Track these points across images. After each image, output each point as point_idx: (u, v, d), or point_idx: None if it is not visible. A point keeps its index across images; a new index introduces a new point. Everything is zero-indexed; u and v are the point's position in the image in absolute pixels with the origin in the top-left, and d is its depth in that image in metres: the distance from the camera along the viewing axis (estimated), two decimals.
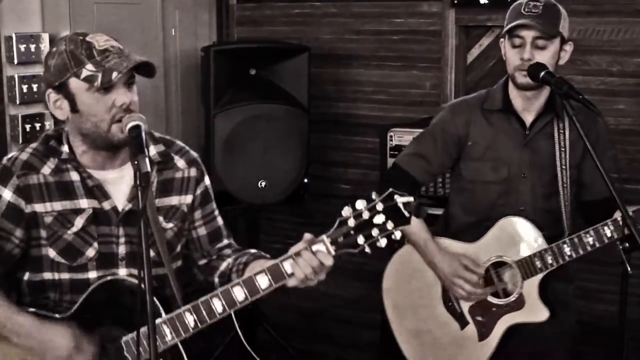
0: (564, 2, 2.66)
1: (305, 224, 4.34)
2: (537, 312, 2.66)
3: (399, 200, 1.89)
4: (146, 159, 1.83)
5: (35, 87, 3.55)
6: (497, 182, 2.73)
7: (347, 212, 1.91)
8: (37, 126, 3.59)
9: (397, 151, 3.52)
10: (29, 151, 2.17)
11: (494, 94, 2.76)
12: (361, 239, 1.91)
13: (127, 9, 4.10)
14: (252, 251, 2.29)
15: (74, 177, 2.15)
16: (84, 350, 2.05)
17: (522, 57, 2.56)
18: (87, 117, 2.06)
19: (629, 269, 2.30)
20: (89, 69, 2.02)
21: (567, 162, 2.67)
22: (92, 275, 2.15)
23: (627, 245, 2.31)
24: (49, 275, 2.15)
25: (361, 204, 1.90)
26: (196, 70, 4.40)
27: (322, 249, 1.95)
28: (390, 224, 1.88)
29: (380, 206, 1.89)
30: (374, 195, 1.90)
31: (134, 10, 4.16)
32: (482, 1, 3.86)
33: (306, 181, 4.11)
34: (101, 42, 2.06)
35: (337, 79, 4.43)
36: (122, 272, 2.16)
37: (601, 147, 2.61)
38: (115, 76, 2.01)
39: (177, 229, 2.26)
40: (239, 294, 2.01)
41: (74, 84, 2.05)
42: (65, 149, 2.15)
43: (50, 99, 2.11)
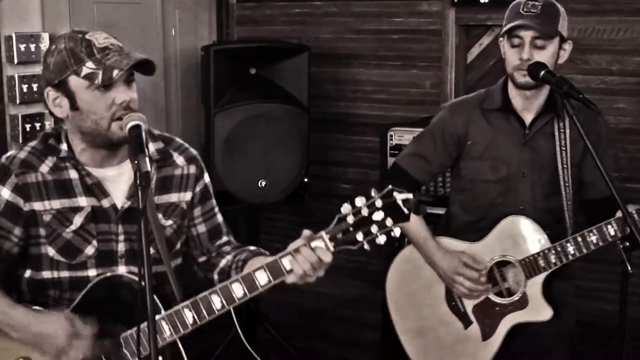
0: (564, 0, 2.66)
1: (305, 223, 4.27)
2: (540, 311, 2.65)
3: (398, 197, 1.88)
4: (146, 158, 1.83)
5: (35, 86, 3.55)
6: (496, 182, 2.73)
7: (346, 209, 1.90)
8: (37, 126, 3.59)
9: (397, 150, 3.52)
10: (27, 150, 2.16)
11: (493, 94, 2.76)
12: (360, 236, 1.90)
13: (127, 9, 4.10)
14: (252, 248, 2.29)
15: (72, 175, 2.14)
16: (82, 335, 2.04)
17: (521, 57, 2.56)
18: (87, 114, 2.06)
19: (629, 268, 2.30)
20: (89, 66, 2.02)
21: (568, 161, 2.67)
22: (92, 273, 2.15)
23: (627, 244, 2.32)
24: (49, 273, 2.15)
25: (360, 200, 1.89)
26: (196, 69, 4.40)
27: (320, 245, 1.95)
28: (389, 221, 1.88)
29: (379, 203, 1.88)
30: (373, 192, 1.90)
31: (134, 9, 4.16)
32: (482, 0, 3.86)
33: (306, 180, 4.10)
34: (101, 40, 2.06)
35: (337, 78, 4.43)
36: (121, 269, 2.16)
37: (602, 146, 2.61)
38: (116, 74, 2.01)
39: (177, 226, 2.26)
40: (238, 291, 2.00)
41: (73, 81, 2.04)
42: (64, 147, 2.15)
43: (49, 96, 2.10)
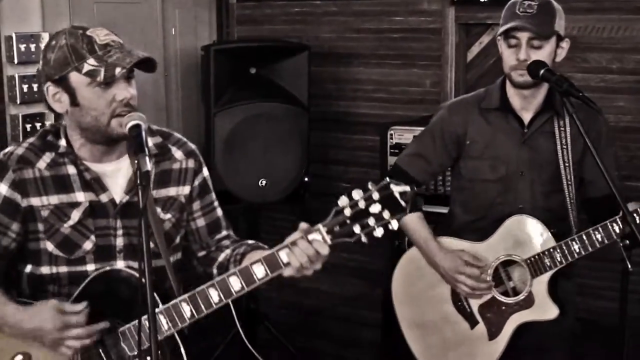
0: None
1: (305, 222, 4.32)
2: (546, 310, 2.65)
3: (395, 189, 1.88)
4: (147, 157, 1.84)
5: (35, 86, 3.55)
6: (495, 181, 2.73)
7: (343, 201, 1.90)
8: (38, 126, 3.59)
9: (397, 149, 3.52)
10: (25, 146, 2.17)
11: (491, 93, 2.76)
12: (357, 228, 1.90)
13: (127, 8, 4.11)
14: (250, 242, 2.29)
15: (70, 170, 2.15)
16: (73, 323, 2.04)
17: (518, 57, 2.55)
18: (87, 111, 2.06)
19: (630, 266, 2.30)
20: (90, 63, 2.02)
21: (569, 159, 2.66)
22: (90, 267, 2.15)
23: (627, 242, 2.32)
24: (48, 268, 2.15)
25: (357, 193, 1.90)
26: (196, 69, 4.40)
27: (318, 238, 1.95)
28: (386, 213, 1.88)
29: (376, 195, 1.88)
30: (370, 185, 1.90)
31: (134, 9, 4.17)
32: None
33: (306, 180, 4.10)
34: (102, 37, 2.06)
35: (337, 77, 4.43)
36: (120, 264, 2.16)
37: (602, 144, 2.61)
38: (118, 72, 2.01)
39: (175, 220, 2.26)
40: (235, 284, 2.00)
41: (74, 78, 2.04)
42: (62, 142, 2.15)
43: (49, 92, 2.10)
